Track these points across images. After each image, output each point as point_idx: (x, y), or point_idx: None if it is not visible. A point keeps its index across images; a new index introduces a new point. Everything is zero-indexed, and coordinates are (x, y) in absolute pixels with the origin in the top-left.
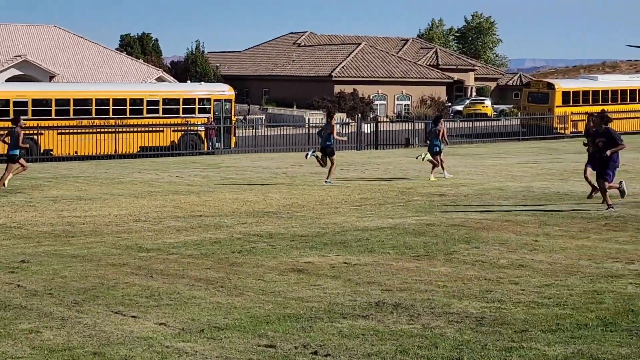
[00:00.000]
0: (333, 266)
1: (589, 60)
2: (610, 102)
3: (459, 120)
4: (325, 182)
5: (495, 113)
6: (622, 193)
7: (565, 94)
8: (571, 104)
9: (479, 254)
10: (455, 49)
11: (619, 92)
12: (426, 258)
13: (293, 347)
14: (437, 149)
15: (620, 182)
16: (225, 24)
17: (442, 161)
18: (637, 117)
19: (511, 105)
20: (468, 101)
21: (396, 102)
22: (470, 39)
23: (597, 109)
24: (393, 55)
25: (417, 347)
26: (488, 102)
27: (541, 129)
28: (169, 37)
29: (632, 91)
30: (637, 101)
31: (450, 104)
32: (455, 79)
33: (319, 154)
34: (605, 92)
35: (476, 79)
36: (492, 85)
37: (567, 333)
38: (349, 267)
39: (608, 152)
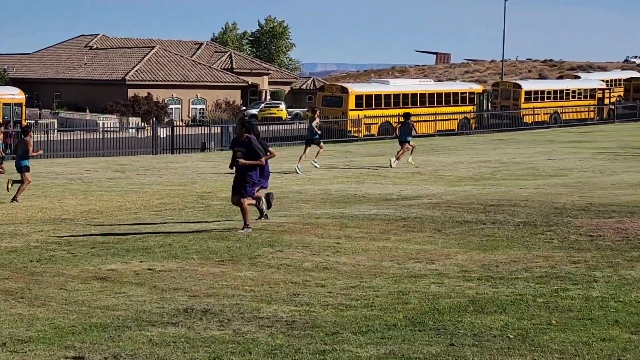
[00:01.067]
0: (137, 273)
1: (378, 65)
2: (401, 106)
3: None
4: (314, 164)
5: (289, 117)
6: (261, 212)
7: (359, 98)
8: (364, 108)
9: (283, 257)
10: (249, 52)
11: (410, 95)
12: (231, 262)
13: (102, 358)
14: (409, 138)
15: (260, 200)
16: (12, 24)
17: (403, 152)
18: (428, 120)
19: (305, 109)
20: (263, 105)
21: (191, 106)
22: (264, 43)
23: (389, 112)
24: (187, 58)
25: (230, 353)
26: (282, 105)
27: (336, 132)
28: None
29: (422, 95)
30: (427, 105)
31: (245, 107)
32: (250, 82)
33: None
34: (397, 95)
35: (270, 83)
36: (286, 89)
37: (378, 334)
38: (154, 274)
39: (241, 161)
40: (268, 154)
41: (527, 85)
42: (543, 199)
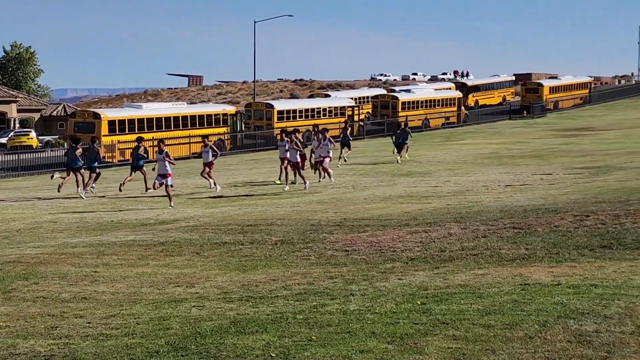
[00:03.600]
0: None
1: (131, 89)
2: (155, 130)
3: (3, 154)
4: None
5: (40, 144)
6: None
7: (112, 123)
8: (118, 133)
9: (39, 290)
10: None
11: (164, 119)
12: None
13: None
14: (406, 143)
15: None
16: None
17: (405, 151)
18: (182, 143)
19: (57, 136)
20: (12, 133)
21: None
22: (10, 69)
23: (144, 136)
24: None
25: None
26: (33, 133)
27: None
28: None
29: (176, 118)
30: (181, 127)
31: None
32: None
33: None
34: (150, 119)
35: (19, 111)
36: (37, 116)
37: None
38: None
39: None
40: None
41: (280, 105)
42: (299, 216)
